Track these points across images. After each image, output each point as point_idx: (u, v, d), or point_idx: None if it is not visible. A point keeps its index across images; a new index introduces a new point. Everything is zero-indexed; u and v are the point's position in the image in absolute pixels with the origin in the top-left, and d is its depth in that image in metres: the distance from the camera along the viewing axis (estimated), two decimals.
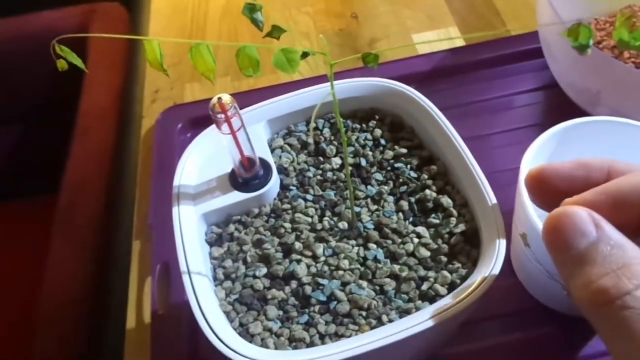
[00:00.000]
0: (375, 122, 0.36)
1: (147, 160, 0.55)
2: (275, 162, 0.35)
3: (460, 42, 0.60)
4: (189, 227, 0.31)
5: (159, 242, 0.49)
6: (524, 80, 0.57)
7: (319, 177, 0.34)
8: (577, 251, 0.19)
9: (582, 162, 0.23)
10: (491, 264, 0.27)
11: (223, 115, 0.29)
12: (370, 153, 0.35)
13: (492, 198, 0.30)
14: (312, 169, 0.35)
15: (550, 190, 0.23)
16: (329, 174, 0.34)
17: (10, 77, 0.83)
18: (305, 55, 0.23)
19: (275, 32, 0.24)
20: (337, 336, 0.28)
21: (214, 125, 0.36)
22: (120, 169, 0.67)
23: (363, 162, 0.35)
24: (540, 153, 0.39)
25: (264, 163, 0.34)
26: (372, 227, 0.32)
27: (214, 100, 0.29)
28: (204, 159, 0.35)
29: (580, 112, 0.48)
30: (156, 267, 0.47)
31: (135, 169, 0.57)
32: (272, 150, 0.36)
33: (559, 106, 0.52)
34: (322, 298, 0.29)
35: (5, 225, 0.85)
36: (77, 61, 0.21)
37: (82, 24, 0.78)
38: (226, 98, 0.29)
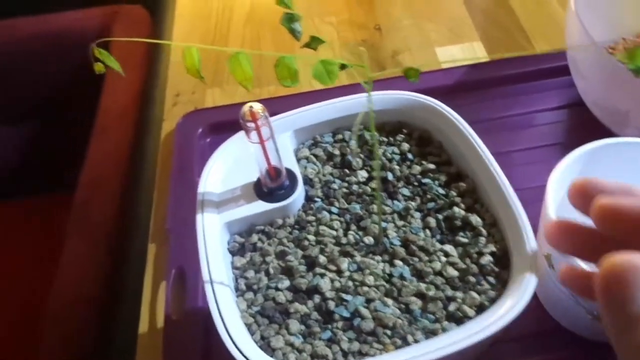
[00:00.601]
0: (402, 135, 0.36)
1: (166, 163, 0.55)
2: (300, 173, 0.34)
3: (484, 57, 0.60)
4: (212, 236, 0.31)
5: (175, 247, 0.48)
6: (548, 97, 0.56)
7: (344, 189, 0.34)
8: (639, 308, 0.19)
9: (626, 186, 0.23)
10: (522, 289, 0.27)
11: (253, 124, 0.29)
12: (397, 167, 0.34)
13: (524, 219, 0.29)
14: (337, 181, 0.34)
15: (589, 203, 0.23)
16: (355, 187, 0.34)
17: (22, 76, 0.83)
18: (343, 67, 0.23)
19: (314, 43, 0.24)
20: (361, 354, 0.27)
21: (239, 133, 0.35)
22: (137, 170, 0.67)
23: (390, 176, 0.34)
24: (568, 172, 0.38)
25: (290, 173, 0.34)
26: (399, 243, 0.31)
27: (246, 108, 0.28)
28: (229, 167, 0.34)
29: (606, 132, 0.47)
30: (171, 272, 0.47)
31: (152, 172, 0.57)
32: (298, 161, 0.35)
33: (583, 125, 0.52)
34: (346, 314, 0.29)
35: (6, 225, 0.85)
36: (115, 64, 0.21)
37: (104, 25, 0.78)
38: (257, 107, 0.28)
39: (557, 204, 0.37)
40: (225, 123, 0.57)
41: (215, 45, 0.65)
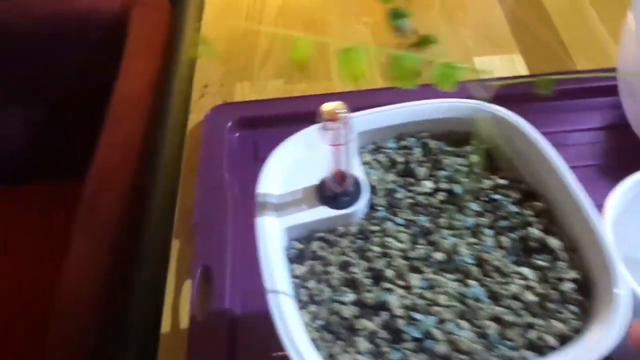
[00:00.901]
0: (471, 147, 0.34)
1: (193, 156, 0.53)
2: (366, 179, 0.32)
3: (522, 68, 0.59)
4: (273, 241, 0.29)
5: (202, 244, 0.46)
6: (587, 117, 0.55)
7: (409, 199, 0.32)
8: None
9: None
10: (611, 321, 0.25)
11: (336, 125, 0.27)
12: (466, 180, 0.32)
13: (608, 244, 0.28)
14: (401, 190, 0.32)
15: None
16: (420, 198, 0.32)
17: (34, 57, 0.79)
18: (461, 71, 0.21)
19: (424, 42, 0.22)
20: None
21: (301, 132, 0.33)
22: (152, 164, 0.64)
23: (457, 189, 0.32)
24: (623, 197, 0.37)
25: (354, 179, 0.32)
26: (472, 261, 0.29)
27: (329, 107, 0.26)
28: (288, 167, 0.32)
29: None
30: (197, 271, 0.45)
31: (176, 165, 0.55)
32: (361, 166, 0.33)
33: (624, 148, 0.51)
34: (417, 334, 0.27)
35: (7, 213, 0.82)
36: (215, 55, 0.19)
37: (123, 9, 0.75)
38: (340, 106, 0.26)
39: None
40: (256, 118, 0.55)
41: (244, 38, 0.63)
